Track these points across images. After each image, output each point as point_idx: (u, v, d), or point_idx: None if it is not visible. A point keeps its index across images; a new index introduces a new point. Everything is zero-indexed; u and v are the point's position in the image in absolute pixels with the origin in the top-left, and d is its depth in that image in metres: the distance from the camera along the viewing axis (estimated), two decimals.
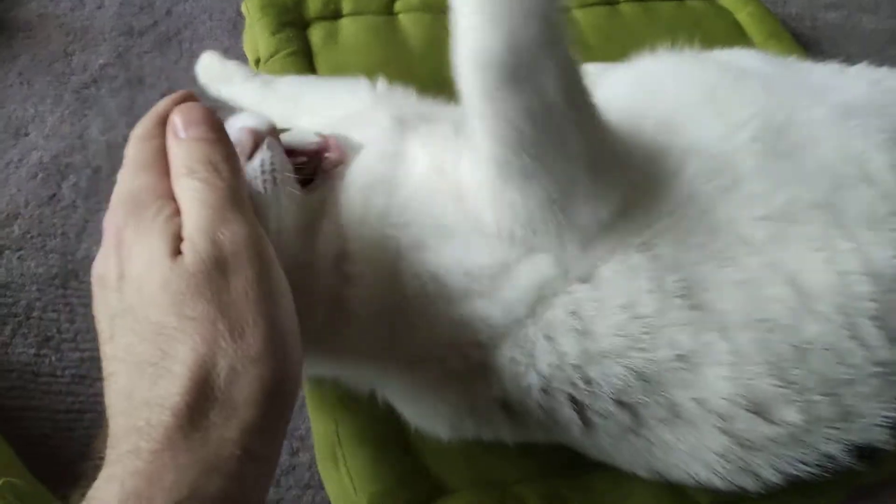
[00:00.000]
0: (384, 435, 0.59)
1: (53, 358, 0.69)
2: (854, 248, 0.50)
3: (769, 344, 0.48)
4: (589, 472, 0.59)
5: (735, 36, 1.01)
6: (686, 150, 0.53)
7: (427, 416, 0.55)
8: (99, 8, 0.98)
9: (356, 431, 0.59)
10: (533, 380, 0.49)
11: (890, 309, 0.50)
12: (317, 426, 0.61)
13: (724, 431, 0.49)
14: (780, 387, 0.48)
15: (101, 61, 0.92)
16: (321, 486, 0.64)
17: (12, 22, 0.94)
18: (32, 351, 0.70)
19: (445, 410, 0.54)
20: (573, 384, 0.49)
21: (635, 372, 0.47)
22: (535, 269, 0.48)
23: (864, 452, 0.52)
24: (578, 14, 0.99)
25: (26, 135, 0.84)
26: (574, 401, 0.50)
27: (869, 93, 0.60)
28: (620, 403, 0.49)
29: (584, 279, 0.48)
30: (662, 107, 0.58)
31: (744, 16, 1.04)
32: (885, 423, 0.50)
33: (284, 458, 0.66)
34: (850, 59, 1.11)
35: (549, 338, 0.48)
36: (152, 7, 0.99)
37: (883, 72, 0.66)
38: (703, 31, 0.99)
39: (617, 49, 0.94)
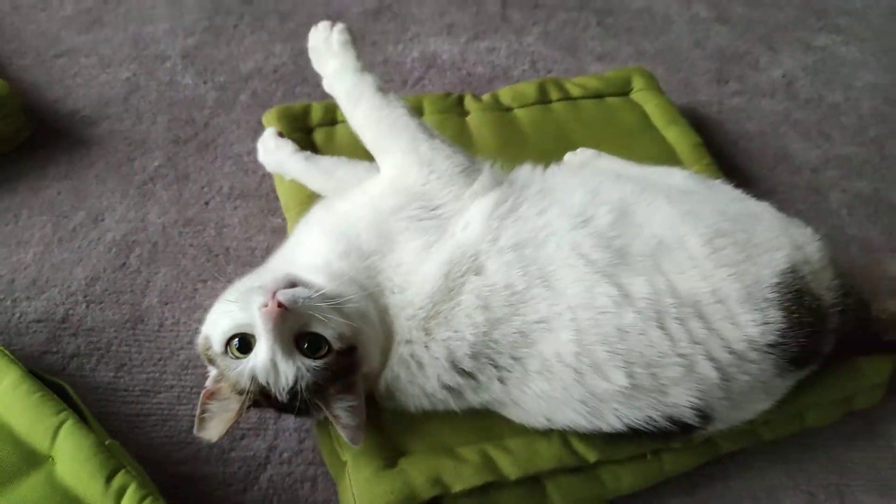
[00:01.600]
0: None
1: (126, 378, 0.95)
2: (663, 276, 0.77)
3: (599, 322, 0.74)
4: (510, 437, 0.83)
5: (643, 124, 1.30)
6: (565, 210, 0.81)
7: (405, 396, 0.80)
8: (153, 124, 1.29)
9: None
10: (465, 349, 0.76)
11: (692, 314, 0.76)
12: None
13: (579, 382, 0.74)
14: (610, 354, 0.74)
15: (156, 164, 1.22)
16: (322, 464, 0.88)
17: (90, 137, 1.25)
18: (111, 374, 0.96)
19: (414, 391, 0.79)
20: (487, 345, 0.75)
21: (517, 330, 0.75)
22: (438, 261, 0.76)
23: (678, 423, 0.76)
24: (520, 113, 1.28)
25: (102, 220, 1.13)
26: (491, 360, 0.76)
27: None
28: (514, 358, 0.75)
29: (477, 272, 0.77)
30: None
31: (651, 107, 1.32)
32: (690, 406, 0.75)
33: (295, 444, 0.90)
34: (749, 135, 1.40)
35: (467, 315, 0.75)
36: (194, 121, 1.30)
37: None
38: (618, 121, 1.30)
39: (550, 140, 1.23)
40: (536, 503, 0.83)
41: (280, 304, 0.70)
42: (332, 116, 1.20)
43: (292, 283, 0.74)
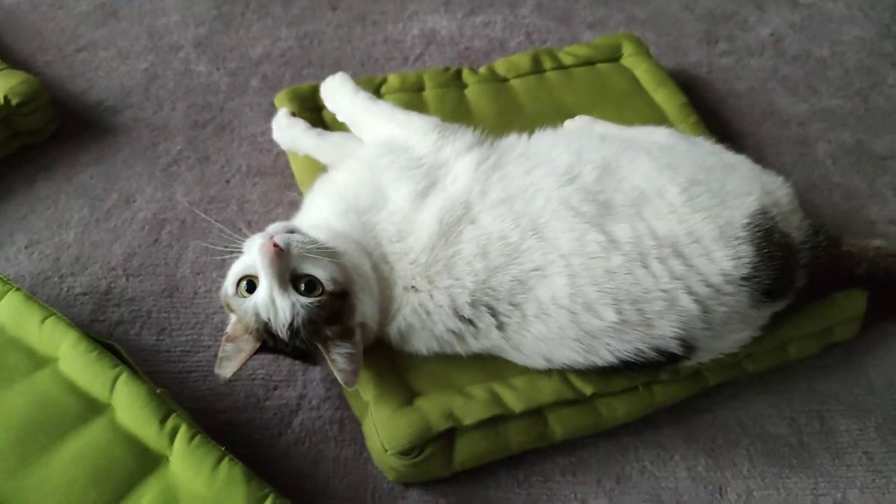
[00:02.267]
0: (381, 361, 0.93)
1: (168, 341, 1.06)
2: (644, 222, 0.85)
3: (590, 266, 0.83)
4: (514, 376, 0.93)
5: (634, 88, 1.37)
6: (552, 170, 0.90)
7: (418, 341, 0.90)
8: (172, 110, 1.38)
9: (365, 361, 0.93)
10: (465, 297, 0.85)
11: (671, 254, 0.84)
12: None
13: (574, 322, 0.83)
14: (600, 293, 0.83)
15: (178, 147, 1.31)
16: (347, 408, 0.98)
17: (115, 125, 1.34)
18: (154, 338, 1.06)
19: (425, 336, 0.89)
20: (485, 293, 0.84)
21: (514, 279, 0.84)
22: (432, 210, 0.88)
23: (665, 354, 0.85)
24: (515, 83, 1.36)
25: (134, 201, 1.23)
26: (489, 307, 0.84)
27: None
28: (512, 304, 0.84)
29: (472, 222, 0.87)
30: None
31: (640, 71, 1.39)
32: (674, 336, 0.84)
33: (322, 392, 1.00)
34: (738, 93, 1.47)
35: (467, 262, 0.85)
36: (210, 106, 1.39)
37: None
38: (609, 86, 1.37)
39: (545, 108, 1.31)
40: (539, 433, 0.92)
41: (276, 245, 0.80)
42: None
43: (291, 231, 0.85)
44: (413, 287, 0.88)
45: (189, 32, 1.53)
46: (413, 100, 1.30)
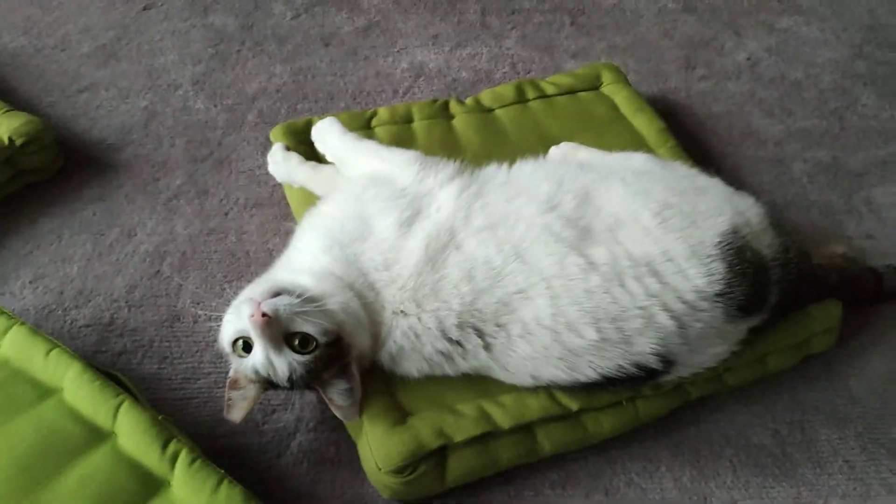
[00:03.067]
0: (375, 384, 0.97)
1: (169, 369, 1.09)
2: (620, 245, 0.90)
3: (570, 287, 0.87)
4: (502, 394, 0.96)
5: (613, 115, 1.42)
6: (533, 198, 0.95)
7: (409, 363, 0.94)
8: (172, 146, 1.43)
9: (361, 384, 0.97)
10: (452, 319, 0.89)
11: (647, 273, 0.89)
12: None
13: (557, 341, 0.87)
14: (580, 313, 0.87)
15: (178, 182, 1.36)
16: (344, 429, 1.01)
17: (117, 162, 1.39)
18: (156, 366, 1.10)
19: (415, 358, 0.92)
20: (472, 314, 0.89)
21: (499, 301, 0.89)
22: (418, 237, 0.93)
23: (645, 369, 0.89)
24: (500, 112, 1.41)
25: (135, 234, 1.27)
26: (476, 329, 0.89)
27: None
28: (498, 325, 0.88)
29: (458, 248, 0.92)
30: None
31: (619, 99, 1.44)
32: (653, 352, 0.88)
33: (319, 414, 1.04)
34: (716, 115, 1.52)
35: (454, 286, 0.89)
36: (208, 141, 1.44)
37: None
38: (590, 114, 1.42)
39: (530, 137, 1.36)
40: (529, 448, 0.96)
41: (264, 314, 0.84)
42: None
43: (277, 293, 0.88)
44: (402, 311, 0.92)
45: (187, 71, 1.59)
46: (402, 131, 1.35)
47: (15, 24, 1.67)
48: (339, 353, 0.89)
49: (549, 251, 0.90)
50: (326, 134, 1.21)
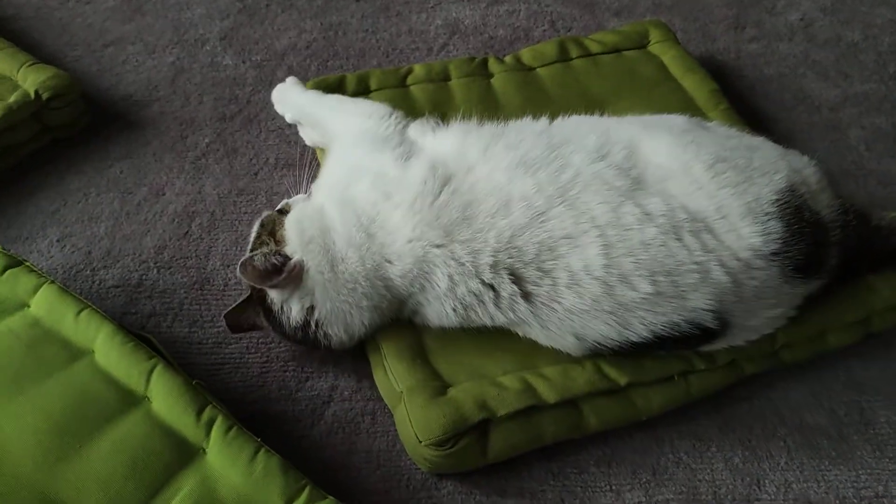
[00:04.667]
0: (412, 350, 0.93)
1: (199, 333, 1.06)
2: (674, 198, 0.85)
3: (625, 237, 0.84)
4: (545, 366, 0.92)
5: (662, 75, 1.35)
6: (580, 147, 0.91)
7: (444, 318, 0.90)
8: (200, 103, 1.38)
9: (396, 351, 0.93)
10: (486, 256, 0.85)
11: (703, 228, 0.84)
12: (370, 348, 0.96)
13: (608, 294, 0.83)
14: (635, 265, 0.82)
15: (206, 140, 1.32)
16: (379, 399, 0.98)
17: (143, 119, 1.35)
18: (186, 329, 1.06)
19: (449, 307, 0.89)
20: (509, 253, 0.85)
21: (541, 242, 0.84)
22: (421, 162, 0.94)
23: (699, 327, 0.84)
24: (542, 72, 1.34)
25: (163, 194, 1.23)
26: (513, 273, 0.85)
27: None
28: (541, 270, 0.84)
29: (483, 178, 0.91)
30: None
31: (668, 58, 1.37)
32: (708, 309, 0.83)
33: (354, 383, 1.00)
34: (767, 78, 1.44)
35: (489, 215, 0.86)
36: (237, 98, 1.39)
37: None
38: (637, 74, 1.35)
39: (572, 97, 1.29)
40: (574, 424, 0.91)
41: None
42: (366, 85, 1.28)
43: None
44: (421, 239, 0.88)
45: (214, 25, 1.53)
46: (439, 90, 1.29)
47: None
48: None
49: (601, 199, 0.86)
50: (286, 93, 1.20)
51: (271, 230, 0.96)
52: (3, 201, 1.20)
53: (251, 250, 0.96)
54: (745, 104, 1.41)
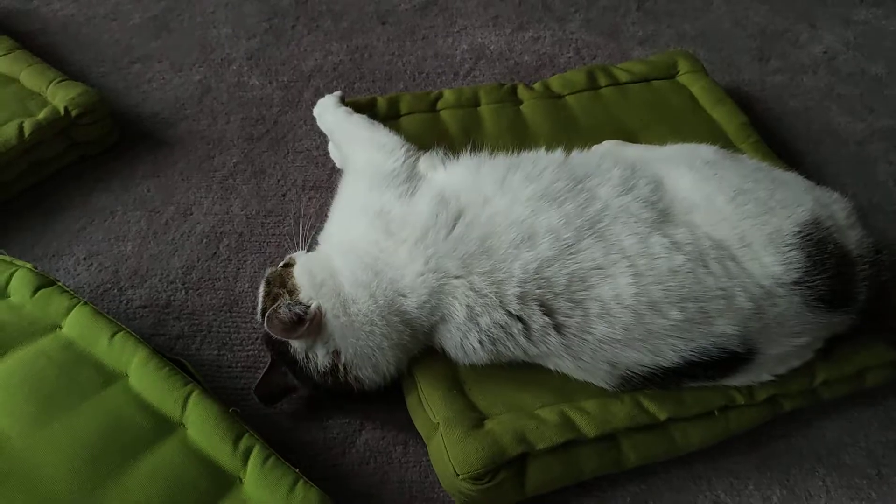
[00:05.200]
0: (447, 381, 0.92)
1: (229, 356, 1.05)
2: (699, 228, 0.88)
3: (655, 266, 0.84)
4: (584, 399, 0.91)
5: (691, 106, 1.35)
6: (605, 181, 0.92)
7: (470, 352, 0.89)
8: (227, 123, 1.38)
9: (431, 381, 0.92)
10: (512, 287, 0.84)
11: (727, 256, 0.84)
12: (406, 382, 0.94)
13: (639, 322, 0.83)
14: (665, 293, 0.82)
15: (234, 160, 1.31)
16: (412, 428, 0.96)
17: (171, 137, 1.34)
18: (215, 352, 1.05)
19: (475, 339, 0.88)
20: (538, 284, 0.85)
21: (572, 273, 0.85)
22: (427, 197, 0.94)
23: (728, 352, 0.85)
24: (571, 100, 1.34)
25: (191, 214, 1.22)
26: (543, 304, 0.85)
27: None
28: (572, 301, 0.84)
29: (500, 212, 0.90)
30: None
31: (697, 89, 1.37)
32: (734, 334, 0.83)
33: (385, 413, 0.99)
34: (793, 111, 1.44)
35: (512, 246, 0.86)
36: (264, 119, 1.39)
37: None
38: (666, 104, 1.35)
39: (602, 125, 1.29)
40: (613, 459, 0.90)
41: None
42: (397, 109, 1.28)
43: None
44: (436, 271, 0.88)
45: (241, 45, 1.53)
46: (469, 115, 1.29)
47: None
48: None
49: (630, 230, 0.87)
50: (324, 109, 1.19)
51: (281, 283, 0.94)
52: (30, 218, 1.19)
53: (263, 307, 0.94)
54: (772, 137, 1.42)
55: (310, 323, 0.88)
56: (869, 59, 1.61)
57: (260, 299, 0.96)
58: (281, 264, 0.99)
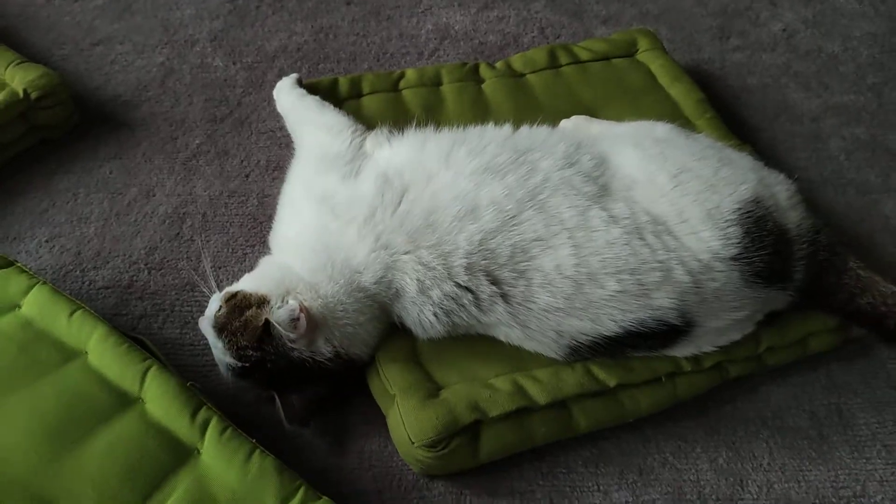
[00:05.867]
0: (405, 353, 0.94)
1: (191, 334, 1.06)
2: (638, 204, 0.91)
3: (593, 238, 0.87)
4: (537, 368, 0.94)
5: (649, 83, 1.37)
6: (548, 154, 0.96)
7: (428, 326, 0.91)
8: (190, 104, 1.38)
9: (389, 354, 0.94)
10: (459, 259, 0.87)
11: (664, 230, 0.87)
12: None
13: (579, 291, 0.86)
14: (602, 264, 0.86)
15: (197, 142, 1.32)
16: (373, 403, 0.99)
17: (133, 119, 1.35)
18: (178, 331, 1.06)
19: (430, 313, 0.90)
20: (483, 255, 0.87)
21: (514, 245, 0.87)
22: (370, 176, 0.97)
23: (666, 325, 0.88)
24: (532, 78, 1.36)
25: (154, 195, 1.23)
26: (489, 275, 0.87)
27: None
28: (516, 271, 0.87)
29: (446, 185, 0.93)
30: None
31: (656, 67, 1.39)
32: (672, 307, 0.86)
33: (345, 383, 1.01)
34: (751, 88, 1.47)
35: (455, 219, 0.88)
36: (227, 100, 1.39)
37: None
38: (625, 82, 1.37)
39: (562, 103, 1.31)
40: (564, 425, 0.93)
41: None
42: (359, 89, 1.28)
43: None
44: (387, 247, 0.90)
45: (204, 26, 1.53)
46: (431, 94, 1.30)
47: None
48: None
49: (570, 203, 0.90)
50: (280, 91, 1.21)
51: (241, 310, 0.89)
52: None
53: (231, 344, 0.88)
54: (730, 113, 1.44)
55: (303, 314, 0.87)
56: (826, 37, 1.65)
57: (220, 347, 0.89)
58: (223, 302, 0.91)
